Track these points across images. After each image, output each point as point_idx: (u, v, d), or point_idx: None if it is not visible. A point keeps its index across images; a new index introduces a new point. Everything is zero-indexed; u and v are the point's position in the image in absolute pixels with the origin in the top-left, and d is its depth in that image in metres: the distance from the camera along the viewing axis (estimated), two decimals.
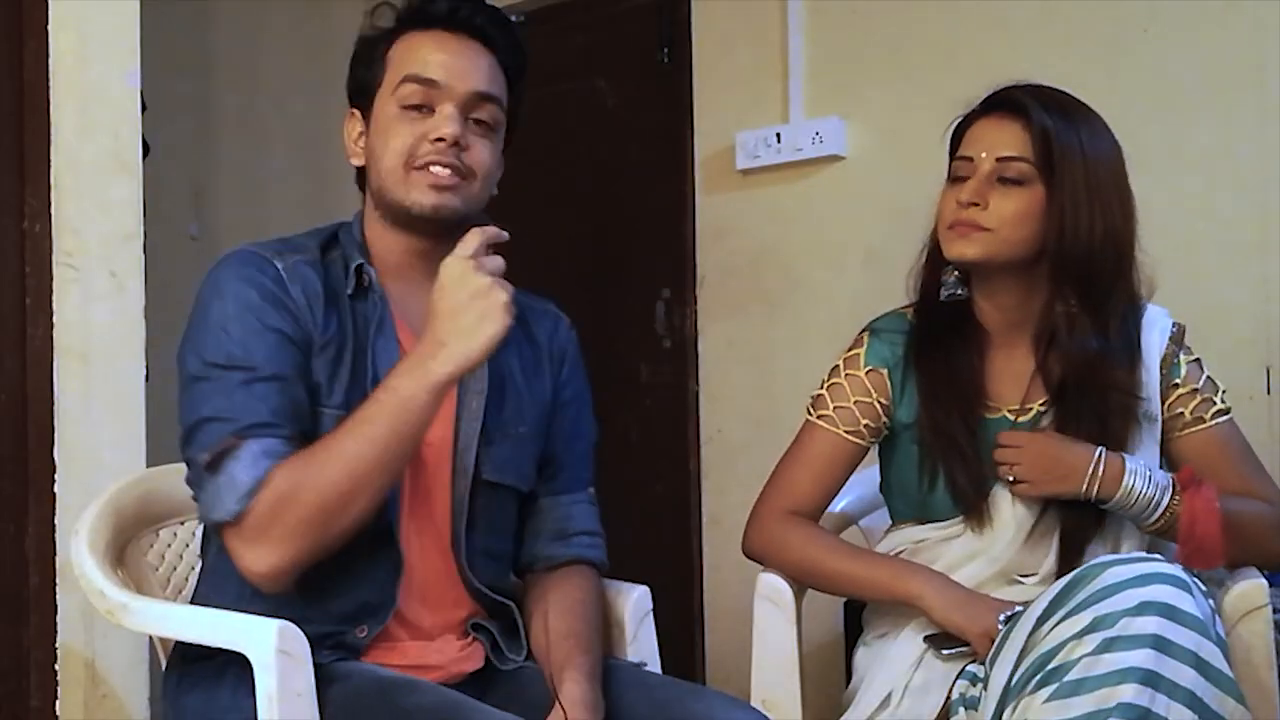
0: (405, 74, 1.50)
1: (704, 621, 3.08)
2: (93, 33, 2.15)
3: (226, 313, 1.42)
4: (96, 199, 2.15)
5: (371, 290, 1.51)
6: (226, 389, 1.39)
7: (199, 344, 1.42)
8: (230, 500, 1.35)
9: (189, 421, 1.41)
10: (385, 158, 1.50)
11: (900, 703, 1.61)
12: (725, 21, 3.07)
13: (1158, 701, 1.32)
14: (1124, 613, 1.34)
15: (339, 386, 1.46)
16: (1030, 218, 1.62)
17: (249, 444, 1.36)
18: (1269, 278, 2.33)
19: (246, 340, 1.41)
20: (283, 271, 1.46)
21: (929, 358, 1.71)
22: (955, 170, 1.69)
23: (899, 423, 1.73)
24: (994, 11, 2.65)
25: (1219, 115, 2.39)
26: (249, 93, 3.44)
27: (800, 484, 1.74)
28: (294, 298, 1.45)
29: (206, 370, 1.40)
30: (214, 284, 1.45)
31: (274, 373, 1.40)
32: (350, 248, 1.54)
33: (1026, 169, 1.62)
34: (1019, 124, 1.63)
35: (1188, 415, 1.68)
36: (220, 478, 1.36)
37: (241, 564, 1.37)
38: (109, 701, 2.11)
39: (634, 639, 1.68)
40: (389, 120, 1.51)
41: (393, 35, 1.54)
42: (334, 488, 1.34)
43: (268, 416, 1.38)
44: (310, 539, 1.35)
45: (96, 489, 1.94)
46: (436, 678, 1.49)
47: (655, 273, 3.20)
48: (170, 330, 2.63)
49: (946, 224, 1.66)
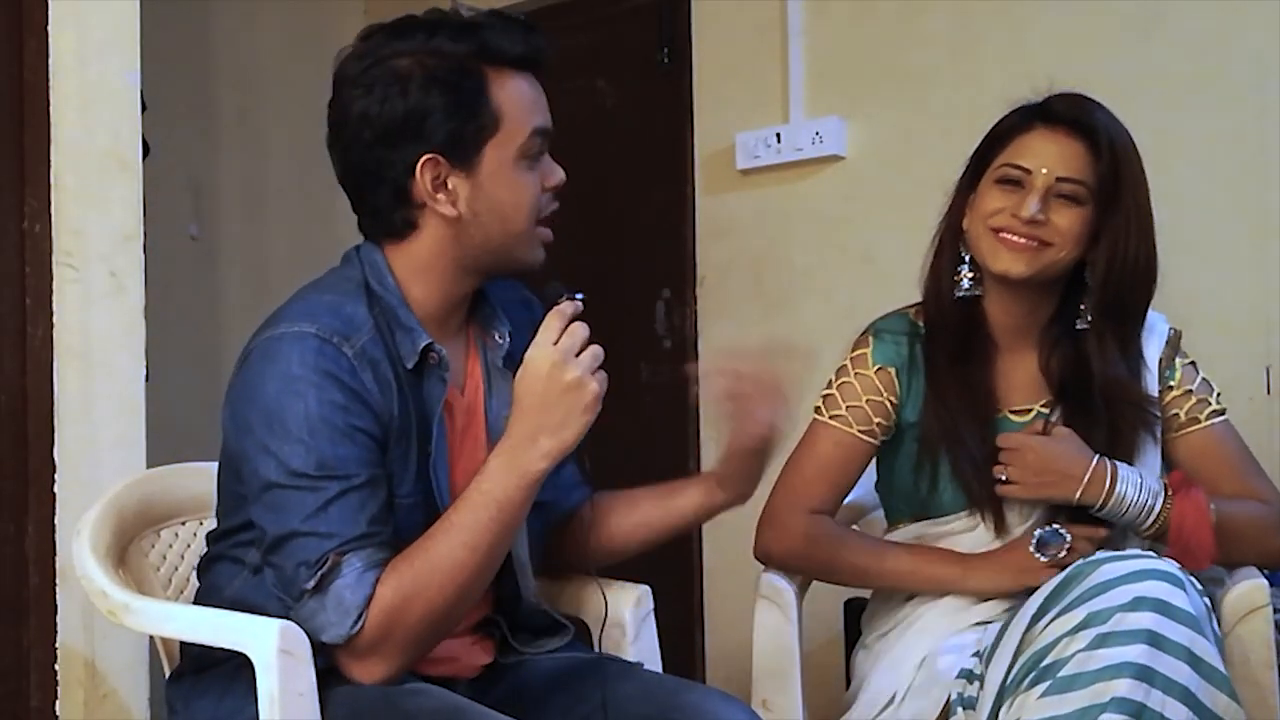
0: (534, 128, 1.43)
1: (704, 621, 3.08)
2: (93, 33, 2.15)
3: (310, 415, 1.33)
4: (96, 199, 2.15)
5: (439, 368, 1.44)
6: (320, 500, 1.33)
7: (280, 449, 1.34)
8: (341, 624, 1.32)
9: (278, 531, 1.34)
10: (513, 219, 1.43)
11: (902, 703, 1.61)
12: (725, 21, 3.07)
13: (1152, 696, 1.33)
14: (1118, 609, 1.35)
15: (409, 475, 1.42)
16: (1084, 237, 1.62)
17: (351, 559, 1.32)
18: (1269, 278, 2.33)
19: (335, 446, 1.34)
20: (353, 360, 1.36)
21: (939, 359, 1.71)
22: (1004, 175, 1.63)
23: (904, 422, 1.73)
24: (994, 11, 2.65)
25: (1219, 115, 2.39)
26: (249, 93, 3.44)
27: (815, 484, 1.73)
28: (369, 389, 1.37)
29: (294, 479, 1.33)
30: (284, 378, 1.35)
31: (367, 479, 1.35)
32: (394, 306, 1.43)
33: (1084, 191, 1.61)
34: (1084, 145, 1.60)
35: (1183, 416, 1.68)
36: (327, 599, 1.33)
37: (353, 676, 1.36)
38: (109, 701, 2.11)
39: (634, 639, 1.68)
40: (513, 175, 1.43)
41: (482, 76, 1.40)
42: (442, 597, 1.34)
43: (365, 527, 1.34)
44: (421, 648, 1.37)
45: (96, 489, 1.95)
46: (453, 670, 1.51)
47: (655, 273, 3.20)
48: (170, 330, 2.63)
49: (994, 227, 1.63)
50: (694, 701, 1.43)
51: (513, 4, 3.43)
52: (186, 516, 1.73)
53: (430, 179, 1.41)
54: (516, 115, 1.42)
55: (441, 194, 1.42)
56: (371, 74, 1.40)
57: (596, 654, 1.63)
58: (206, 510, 1.73)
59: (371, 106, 1.40)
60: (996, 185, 1.64)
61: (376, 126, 1.40)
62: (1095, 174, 1.60)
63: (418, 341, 1.42)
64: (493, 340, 1.53)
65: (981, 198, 1.66)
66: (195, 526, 1.74)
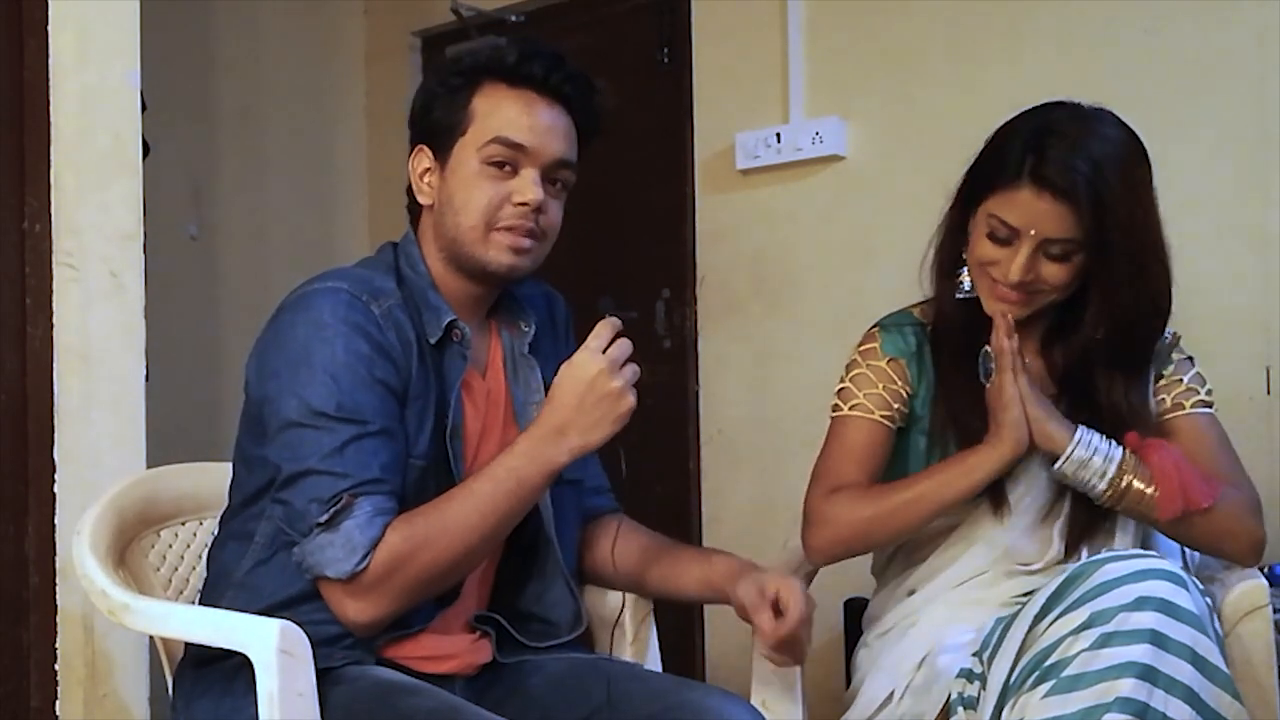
0: (495, 135, 1.50)
1: (704, 621, 3.08)
2: (93, 33, 2.15)
3: (336, 360, 1.41)
4: (96, 199, 2.15)
5: (460, 344, 1.52)
6: (337, 442, 1.39)
7: (303, 389, 1.41)
8: (347, 560, 1.37)
9: (293, 469, 1.40)
10: (466, 214, 1.51)
11: (901, 701, 1.61)
12: (725, 21, 3.07)
13: (1155, 696, 1.33)
14: (1121, 608, 1.35)
15: (424, 438, 1.48)
16: (1078, 276, 1.62)
17: (363, 502, 1.38)
18: (1269, 278, 2.33)
19: (356, 392, 1.40)
20: (380, 319, 1.45)
21: (945, 355, 1.71)
22: (992, 228, 1.61)
23: (914, 413, 1.73)
24: (994, 11, 2.65)
25: (1219, 115, 2.39)
26: (249, 93, 3.44)
27: (847, 474, 1.70)
28: (393, 345, 1.45)
29: (314, 419, 1.40)
30: (316, 324, 1.43)
31: (383, 426, 1.42)
32: (424, 288, 1.53)
33: (1073, 248, 1.60)
34: (1069, 208, 1.57)
35: (1168, 402, 1.68)
36: (337, 535, 1.37)
37: (343, 614, 1.40)
38: (109, 701, 2.11)
39: (634, 639, 1.68)
40: (471, 175, 1.51)
41: (475, 82, 1.53)
42: (448, 554, 1.40)
43: (378, 473, 1.40)
44: (415, 597, 1.42)
45: (96, 489, 1.94)
46: (453, 668, 1.52)
47: (655, 273, 3.20)
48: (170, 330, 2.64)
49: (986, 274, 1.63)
50: (697, 700, 1.45)
51: (513, 4, 3.43)
52: (186, 516, 1.73)
53: (420, 169, 1.56)
54: (487, 121, 1.51)
55: (424, 184, 1.56)
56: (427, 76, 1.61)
57: (596, 655, 1.64)
58: (206, 510, 1.73)
59: (415, 101, 1.58)
60: (987, 237, 1.63)
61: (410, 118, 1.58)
62: (1085, 231, 1.58)
63: (442, 318, 1.51)
64: (517, 329, 1.62)
65: (973, 239, 1.66)
66: (195, 526, 1.74)
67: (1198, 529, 1.59)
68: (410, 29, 3.69)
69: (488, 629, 1.58)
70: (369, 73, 3.77)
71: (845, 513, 1.67)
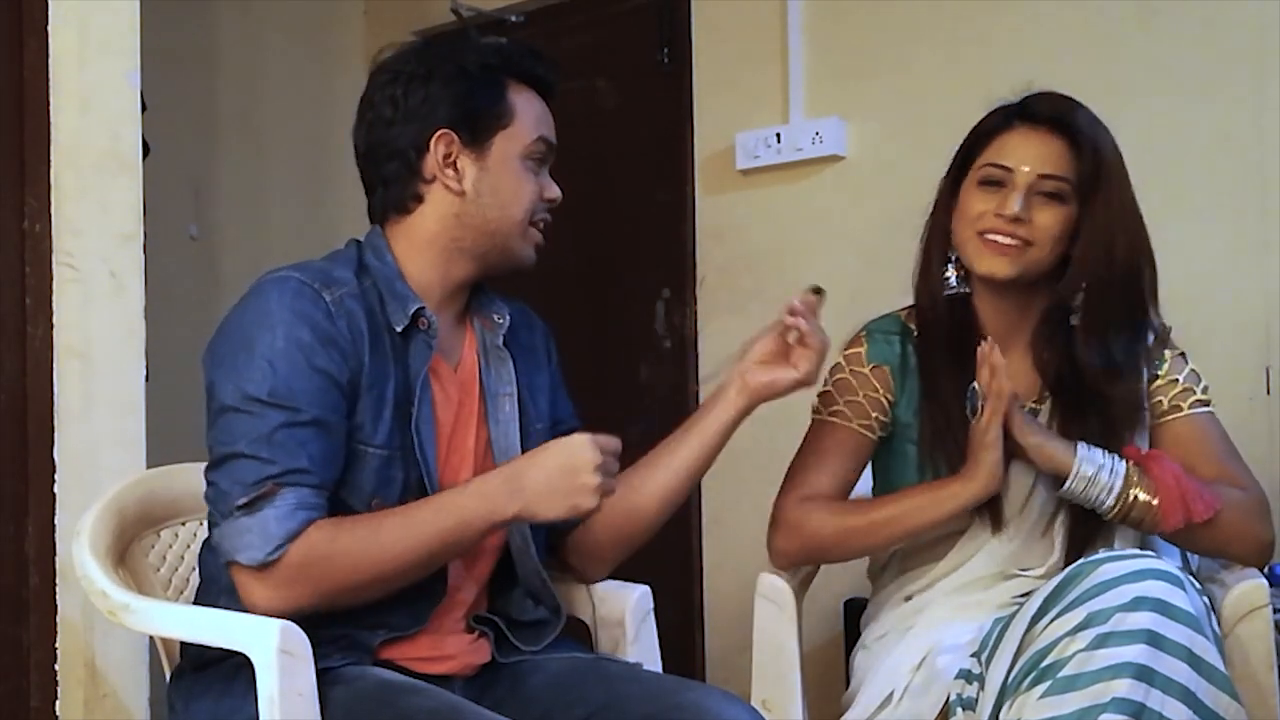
0: (539, 134, 1.55)
1: (704, 621, 3.08)
2: (93, 33, 2.15)
3: (275, 347, 1.41)
4: (96, 199, 2.15)
5: (426, 333, 1.51)
6: (266, 428, 1.39)
7: (240, 374, 1.41)
8: (260, 547, 1.37)
9: (222, 451, 1.41)
10: (514, 207, 1.53)
11: (900, 702, 1.61)
12: (725, 21, 3.07)
13: (1152, 696, 1.33)
14: (1118, 608, 1.35)
15: (383, 426, 1.47)
16: (1065, 235, 1.62)
17: (286, 493, 1.38)
18: (1269, 278, 2.33)
19: (292, 380, 1.40)
20: (331, 306, 1.45)
21: (932, 360, 1.71)
22: (986, 175, 1.65)
23: (900, 420, 1.73)
24: (994, 10, 2.65)
25: (1218, 114, 2.39)
26: (249, 93, 3.44)
27: (819, 482, 1.72)
28: (342, 334, 1.45)
29: (246, 403, 1.40)
30: (261, 312, 1.44)
31: (315, 417, 1.41)
32: (389, 278, 1.52)
33: (1066, 188, 1.61)
34: (1064, 142, 1.62)
35: (1165, 404, 1.68)
36: (253, 521, 1.37)
37: (250, 600, 1.39)
38: (109, 701, 2.11)
39: (634, 639, 1.68)
40: (517, 169, 1.54)
41: (505, 77, 1.55)
42: (369, 570, 1.39)
43: (305, 463, 1.39)
44: (329, 601, 1.40)
45: (96, 489, 1.95)
46: (451, 669, 1.53)
47: (655, 273, 3.20)
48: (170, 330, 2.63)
49: (977, 229, 1.64)
50: (696, 700, 1.44)
51: (514, 4, 3.43)
52: (186, 516, 1.73)
53: (442, 154, 1.52)
54: (527, 119, 1.55)
55: (450, 170, 1.52)
56: (405, 64, 1.54)
57: (596, 655, 1.64)
58: (206, 510, 1.73)
59: (398, 89, 1.53)
60: (979, 187, 1.66)
61: (400, 105, 1.52)
62: (1076, 171, 1.61)
63: (409, 307, 1.50)
64: (490, 322, 1.62)
65: (965, 200, 1.67)
66: (195, 526, 1.74)
67: (1203, 538, 1.59)
68: (410, 29, 3.69)
69: (486, 629, 1.59)
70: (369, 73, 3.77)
71: (814, 524, 1.68)
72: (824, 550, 1.72)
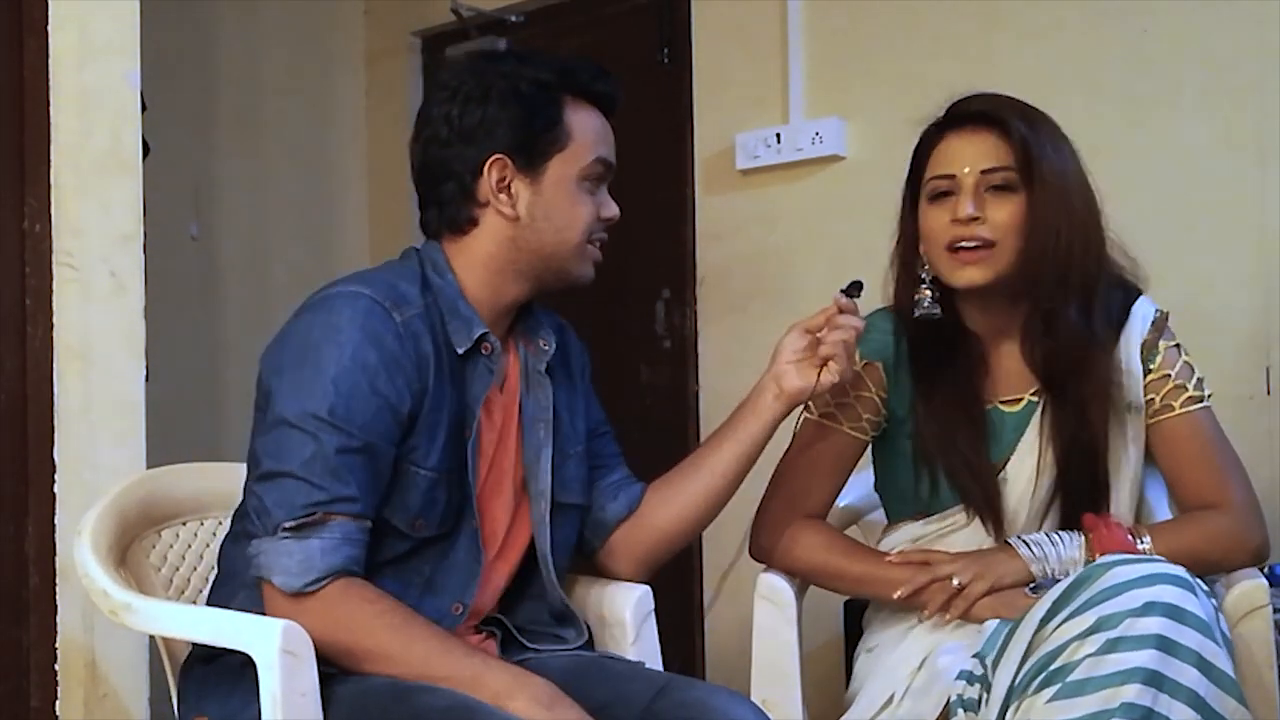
0: (597, 155, 1.54)
1: (704, 621, 3.08)
2: (93, 33, 2.15)
3: (341, 365, 1.41)
4: (96, 199, 2.15)
5: (489, 358, 1.52)
6: (319, 450, 1.39)
7: (302, 389, 1.41)
8: (299, 575, 1.37)
9: (272, 467, 1.41)
10: (571, 229, 1.53)
11: (901, 703, 1.61)
12: (725, 21, 3.07)
13: (1160, 702, 1.32)
14: (1128, 613, 1.35)
15: (436, 450, 1.47)
16: (1023, 225, 1.62)
17: (333, 524, 1.38)
18: (1269, 278, 2.33)
19: (352, 401, 1.40)
20: (400, 328, 1.45)
21: (923, 359, 1.71)
22: (933, 189, 1.67)
23: (894, 416, 1.73)
24: (994, 11, 2.65)
25: (1218, 114, 2.39)
26: (249, 93, 3.44)
27: (807, 483, 1.74)
28: (409, 358, 1.44)
29: (303, 419, 1.40)
30: (331, 327, 1.43)
31: (366, 442, 1.41)
32: (452, 297, 1.52)
33: (1012, 177, 1.62)
34: (994, 134, 1.64)
35: (1158, 402, 1.67)
36: (298, 546, 1.37)
37: (273, 613, 1.39)
38: (109, 701, 2.11)
39: (635, 639, 1.68)
40: (573, 191, 1.53)
41: (560, 97, 1.53)
42: (382, 656, 1.38)
43: (354, 491, 1.40)
44: (330, 647, 1.39)
45: (96, 489, 1.95)
46: None
47: (655, 273, 3.20)
48: (170, 330, 2.64)
49: (943, 245, 1.64)
50: (700, 698, 1.45)
51: (514, 4, 3.43)
52: (187, 516, 1.73)
53: (496, 179, 1.51)
54: (585, 139, 1.54)
55: (504, 195, 1.52)
56: (462, 83, 1.53)
57: (598, 653, 1.64)
58: (207, 511, 1.73)
59: (454, 109, 1.52)
60: (931, 204, 1.67)
61: (455, 126, 1.51)
62: (1016, 157, 1.62)
63: (474, 330, 1.50)
64: (535, 347, 1.61)
65: (924, 221, 1.69)
66: (196, 527, 1.74)
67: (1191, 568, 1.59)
68: (410, 29, 3.69)
69: (493, 630, 1.59)
70: (369, 73, 3.77)
71: (802, 548, 1.72)
72: (799, 571, 1.75)
